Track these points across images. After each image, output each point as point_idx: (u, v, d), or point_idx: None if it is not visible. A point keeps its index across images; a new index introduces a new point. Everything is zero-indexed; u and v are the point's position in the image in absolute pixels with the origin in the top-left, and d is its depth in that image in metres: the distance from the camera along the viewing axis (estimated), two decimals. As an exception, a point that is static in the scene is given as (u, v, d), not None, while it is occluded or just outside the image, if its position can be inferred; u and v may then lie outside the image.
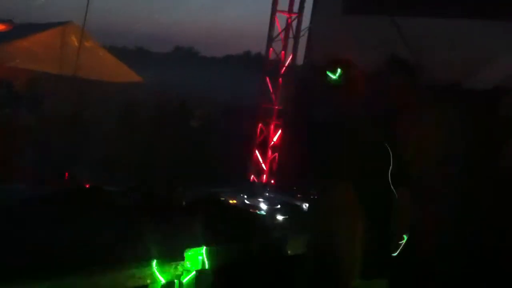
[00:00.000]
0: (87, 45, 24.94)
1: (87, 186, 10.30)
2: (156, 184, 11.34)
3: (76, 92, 20.74)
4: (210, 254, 5.72)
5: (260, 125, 14.74)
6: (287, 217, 10.15)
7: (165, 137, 16.86)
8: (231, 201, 10.99)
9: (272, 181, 14.08)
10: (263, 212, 10.81)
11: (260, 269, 6.32)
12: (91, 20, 24.71)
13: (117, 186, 10.69)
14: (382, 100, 5.57)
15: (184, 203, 9.46)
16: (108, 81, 24.89)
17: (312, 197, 8.10)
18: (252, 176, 14.47)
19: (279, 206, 11.09)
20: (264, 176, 14.29)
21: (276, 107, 14.62)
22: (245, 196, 11.69)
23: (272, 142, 14.37)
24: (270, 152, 14.52)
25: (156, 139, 16.75)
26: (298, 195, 11.41)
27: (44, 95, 19.51)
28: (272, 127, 14.57)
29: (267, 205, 11.18)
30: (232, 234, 7.53)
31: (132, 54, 37.55)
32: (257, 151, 14.40)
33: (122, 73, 26.86)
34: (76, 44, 24.51)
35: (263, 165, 14.37)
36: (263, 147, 14.50)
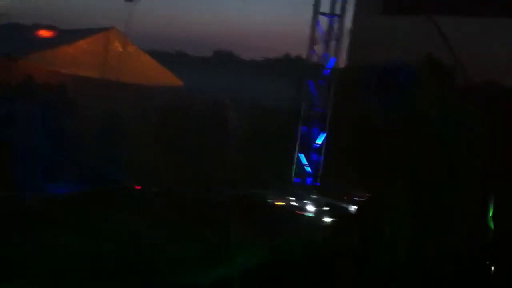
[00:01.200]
0: (129, 50, 25.36)
1: (137, 187, 10.42)
2: (199, 185, 11.38)
3: (119, 96, 21.05)
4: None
5: (303, 127, 14.67)
6: (334, 218, 10.02)
7: (205, 139, 16.93)
8: (277, 203, 10.94)
9: (317, 183, 13.98)
10: (310, 214, 10.72)
11: (306, 268, 6.26)
12: (133, 25, 25.18)
13: (160, 187, 10.78)
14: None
15: (227, 203, 9.45)
16: (149, 85, 25.18)
17: (361, 199, 7.98)
18: (297, 178, 14.39)
19: (326, 208, 10.97)
20: (309, 178, 14.21)
21: (320, 110, 14.54)
22: (292, 198, 11.62)
23: (317, 145, 14.28)
24: (313, 155, 14.43)
25: (196, 141, 16.84)
26: (345, 197, 11.27)
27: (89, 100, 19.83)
28: (315, 129, 14.49)
29: (314, 206, 11.08)
30: (278, 234, 7.48)
31: (173, 58, 37.84)
32: (301, 154, 14.34)
33: (163, 77, 27.16)
34: (119, 49, 24.96)
35: (307, 167, 14.28)
36: (307, 149, 14.42)
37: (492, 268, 6.22)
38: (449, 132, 5.01)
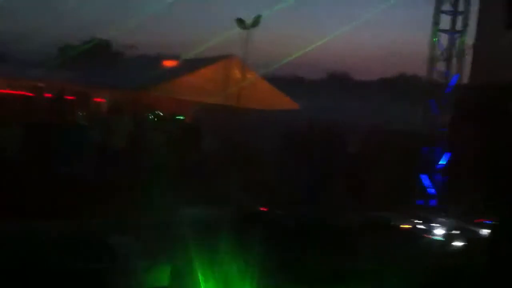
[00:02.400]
0: (248, 76, 26.26)
1: (263, 209, 10.72)
2: (321, 208, 11.46)
3: (240, 121, 21.78)
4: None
5: (425, 148, 14.32)
6: (465, 243, 9.63)
7: (324, 162, 16.99)
8: (403, 226, 10.74)
9: (441, 206, 13.52)
10: (438, 238, 10.39)
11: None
12: (250, 52, 26.03)
13: (286, 210, 10.96)
14: None
15: (354, 227, 9.44)
16: (267, 109, 25.86)
17: (490, 221, 7.68)
18: (419, 200, 14.03)
19: (456, 232, 10.54)
20: (432, 200, 13.80)
21: (443, 129, 14.13)
22: (418, 221, 11.34)
23: (440, 165, 13.86)
24: (437, 176, 14.01)
25: (315, 164, 16.94)
26: (475, 221, 10.78)
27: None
28: (438, 149, 14.08)
29: (443, 230, 10.72)
30: (407, 258, 7.37)
31: (289, 83, 38.64)
32: (423, 175, 13.98)
33: (280, 101, 27.81)
34: (238, 76, 25.95)
35: (430, 189, 13.88)
36: (430, 170, 14.04)
37: None
38: None
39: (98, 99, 24.63)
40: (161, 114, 21.75)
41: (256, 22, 25.52)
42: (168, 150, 16.36)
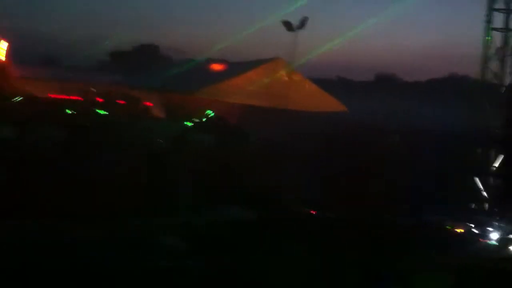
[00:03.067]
0: (294, 78, 26.23)
1: (313, 212, 10.67)
2: (372, 211, 11.29)
3: (286, 123, 21.75)
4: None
5: (478, 150, 13.90)
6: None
7: (371, 163, 16.76)
8: (456, 229, 10.44)
9: (496, 209, 13.08)
10: (494, 242, 10.06)
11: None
12: (296, 54, 25.99)
13: (335, 213, 10.87)
14: None
15: (406, 230, 9.25)
16: (314, 111, 25.73)
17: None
18: (471, 203, 13.61)
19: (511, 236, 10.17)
20: (486, 204, 13.37)
21: (497, 131, 13.67)
22: (471, 225, 11.01)
23: (494, 168, 13.41)
24: (490, 178, 13.57)
25: (362, 166, 16.73)
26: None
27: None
28: (492, 152, 13.64)
29: (499, 234, 10.35)
30: (462, 261, 7.17)
31: (335, 84, 38.41)
32: (476, 177, 13.56)
33: (327, 103, 27.61)
34: (285, 78, 25.95)
35: (484, 192, 13.46)
36: (483, 173, 13.60)
37: None
38: None
39: (147, 103, 25.08)
40: (209, 116, 21.98)
41: (302, 24, 25.46)
42: (215, 152, 16.52)
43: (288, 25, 25.71)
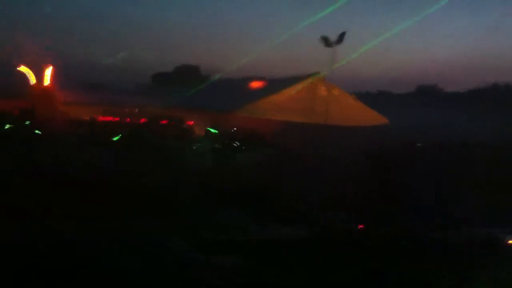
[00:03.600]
0: (334, 93, 26.23)
1: (360, 226, 10.48)
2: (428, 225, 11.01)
3: (328, 139, 21.68)
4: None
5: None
6: None
7: (419, 178, 16.47)
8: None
9: None
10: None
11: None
12: (336, 69, 25.97)
13: (386, 226, 10.66)
14: None
15: (464, 245, 8.93)
16: (355, 126, 25.61)
17: None
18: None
19: None
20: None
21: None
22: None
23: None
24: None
25: (411, 180, 16.45)
26: None
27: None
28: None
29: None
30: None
31: (375, 98, 38.12)
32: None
33: (368, 117, 27.48)
34: (324, 93, 25.96)
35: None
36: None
37: None
38: None
39: (189, 122, 25.42)
40: (250, 134, 22.10)
41: (340, 38, 25.47)
42: (255, 169, 16.54)
43: (326, 41, 25.77)
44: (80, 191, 10.64)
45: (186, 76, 36.01)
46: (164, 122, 23.51)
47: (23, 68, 27.78)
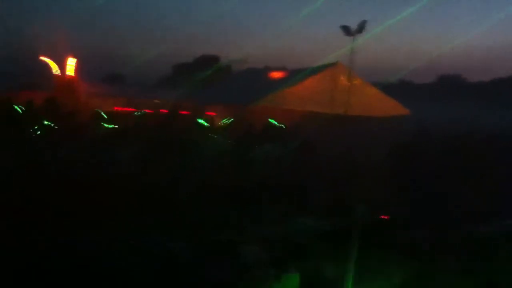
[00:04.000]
0: (355, 83, 26.04)
1: (384, 217, 10.45)
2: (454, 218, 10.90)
3: (347, 129, 21.55)
4: None
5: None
6: None
7: (443, 169, 16.29)
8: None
9: None
10: None
11: None
12: (356, 59, 25.83)
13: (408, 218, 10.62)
14: None
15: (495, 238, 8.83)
16: (376, 116, 25.41)
17: None
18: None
19: None
20: None
21: None
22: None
23: None
24: None
25: (434, 170, 16.28)
26: None
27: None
28: None
29: None
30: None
31: (396, 88, 37.71)
32: None
33: (389, 107, 27.22)
34: (345, 83, 25.80)
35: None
36: None
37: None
38: None
39: (210, 113, 25.52)
40: (271, 124, 22.09)
41: (361, 28, 25.31)
42: (280, 159, 16.53)
43: (346, 30, 25.63)
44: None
45: (206, 67, 36.12)
46: (184, 113, 23.64)
47: (46, 59, 28.19)
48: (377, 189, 13.29)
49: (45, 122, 17.65)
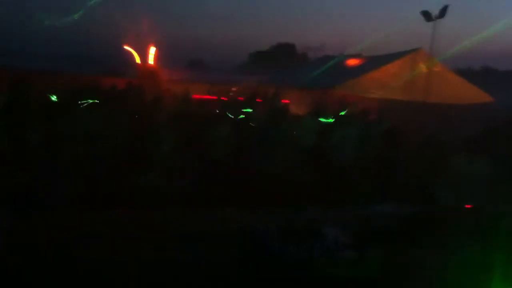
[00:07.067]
0: (436, 70, 25.34)
1: (468, 206, 10.26)
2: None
3: (430, 116, 21.04)
4: None
5: None
6: None
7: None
8: None
9: None
10: None
11: None
12: (438, 45, 25.08)
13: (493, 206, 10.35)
14: None
15: None
16: (457, 104, 24.65)
17: None
18: None
19: None
20: None
21: None
22: None
23: None
24: None
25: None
26: None
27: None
28: None
29: None
30: None
31: (479, 75, 36.35)
32: None
33: (471, 95, 26.35)
34: (425, 70, 25.16)
35: None
36: None
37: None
38: None
39: (285, 101, 25.61)
40: (350, 111, 21.87)
41: (442, 13, 24.53)
42: (359, 146, 16.43)
43: (427, 15, 24.93)
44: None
45: (283, 55, 36.19)
46: (260, 100, 23.83)
47: (129, 49, 29.26)
48: (466, 179, 12.99)
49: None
